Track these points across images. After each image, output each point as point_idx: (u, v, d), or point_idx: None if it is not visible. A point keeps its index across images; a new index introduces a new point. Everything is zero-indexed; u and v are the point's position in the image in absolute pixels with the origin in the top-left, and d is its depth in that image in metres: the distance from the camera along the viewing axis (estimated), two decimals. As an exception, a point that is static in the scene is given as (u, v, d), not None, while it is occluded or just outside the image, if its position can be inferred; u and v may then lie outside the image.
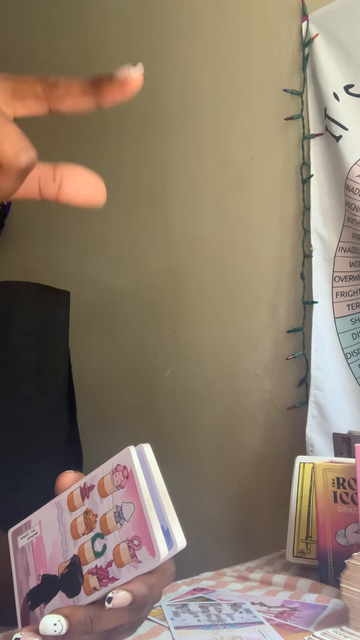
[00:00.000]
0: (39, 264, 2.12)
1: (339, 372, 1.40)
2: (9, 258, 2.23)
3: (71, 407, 1.80)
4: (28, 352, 1.61)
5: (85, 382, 1.87)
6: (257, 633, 0.63)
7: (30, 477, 1.44)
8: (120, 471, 0.45)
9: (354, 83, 1.37)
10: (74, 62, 2.09)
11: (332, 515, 0.83)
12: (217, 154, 1.66)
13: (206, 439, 1.65)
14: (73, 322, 1.75)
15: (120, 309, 1.89)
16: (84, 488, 0.47)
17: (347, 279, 1.41)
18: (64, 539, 0.47)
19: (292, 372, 1.49)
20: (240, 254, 1.61)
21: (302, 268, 1.48)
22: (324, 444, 1.36)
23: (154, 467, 0.45)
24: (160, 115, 1.81)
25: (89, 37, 2.04)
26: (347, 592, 0.63)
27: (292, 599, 0.76)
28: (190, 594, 0.78)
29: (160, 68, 1.81)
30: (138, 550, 0.42)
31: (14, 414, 1.53)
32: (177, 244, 1.76)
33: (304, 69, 1.47)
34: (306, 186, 1.47)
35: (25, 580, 0.49)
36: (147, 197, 1.84)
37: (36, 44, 2.21)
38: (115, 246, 1.92)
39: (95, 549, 0.44)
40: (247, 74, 1.60)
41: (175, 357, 1.74)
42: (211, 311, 1.66)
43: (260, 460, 1.54)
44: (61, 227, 2.08)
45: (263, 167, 1.57)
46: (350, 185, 1.35)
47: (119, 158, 1.92)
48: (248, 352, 1.57)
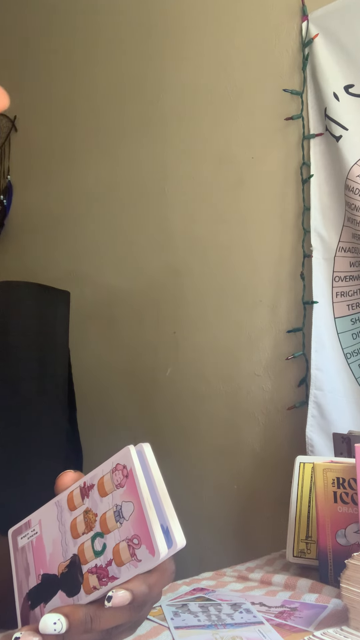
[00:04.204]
0: (39, 264, 2.12)
1: (339, 372, 1.40)
2: (9, 258, 2.23)
3: (71, 407, 1.80)
4: (28, 352, 1.61)
5: (85, 382, 1.87)
6: (257, 633, 0.63)
7: (30, 477, 1.44)
8: (119, 470, 0.45)
9: (354, 83, 1.37)
10: (74, 63, 2.10)
11: (332, 515, 0.83)
12: (217, 154, 1.66)
13: (206, 438, 1.65)
14: (73, 322, 1.75)
15: (120, 309, 1.89)
16: (83, 487, 0.47)
17: (347, 279, 1.41)
18: (63, 538, 0.47)
19: (292, 372, 1.49)
20: (240, 253, 1.60)
21: (302, 268, 1.48)
22: (324, 444, 1.36)
23: (154, 466, 0.45)
24: (160, 115, 1.81)
25: (89, 37, 2.04)
26: (347, 592, 0.63)
27: (292, 599, 0.76)
28: (190, 594, 0.78)
29: (160, 68, 1.81)
30: (138, 549, 0.42)
31: (14, 413, 1.53)
32: (177, 244, 1.76)
33: (304, 69, 1.47)
34: (306, 186, 1.47)
35: (25, 579, 0.49)
36: (147, 197, 1.84)
37: (36, 44, 2.22)
38: (115, 246, 1.92)
39: (95, 548, 0.45)
40: (247, 74, 1.60)
41: (175, 357, 1.74)
42: (211, 311, 1.66)
43: (260, 460, 1.54)
44: (61, 227, 2.08)
45: (263, 167, 1.57)
46: (350, 185, 1.35)
47: (119, 158, 1.92)
48: (248, 352, 1.57)
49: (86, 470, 0.48)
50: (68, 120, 2.09)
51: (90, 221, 2.00)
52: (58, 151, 2.10)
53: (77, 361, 1.83)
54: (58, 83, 2.13)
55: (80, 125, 2.05)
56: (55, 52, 2.16)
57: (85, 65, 2.06)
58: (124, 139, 1.91)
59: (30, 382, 1.60)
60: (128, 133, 1.90)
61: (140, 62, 1.87)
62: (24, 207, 2.20)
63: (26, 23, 2.26)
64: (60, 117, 2.11)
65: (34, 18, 2.23)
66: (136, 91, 1.88)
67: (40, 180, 2.15)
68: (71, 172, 2.06)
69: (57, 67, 2.15)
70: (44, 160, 2.14)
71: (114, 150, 1.93)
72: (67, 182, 2.07)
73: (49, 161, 2.13)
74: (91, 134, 2.01)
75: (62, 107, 2.10)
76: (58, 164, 2.10)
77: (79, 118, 2.06)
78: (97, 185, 1.98)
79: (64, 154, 2.09)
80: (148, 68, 1.85)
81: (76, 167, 2.05)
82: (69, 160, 2.07)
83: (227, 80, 1.65)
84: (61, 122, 2.10)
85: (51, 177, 2.12)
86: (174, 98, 1.77)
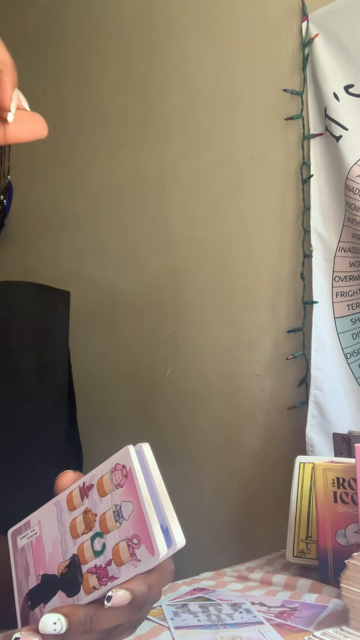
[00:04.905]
0: (39, 264, 2.12)
1: (339, 372, 1.40)
2: (9, 258, 2.23)
3: (71, 407, 1.80)
4: (28, 352, 1.62)
5: (85, 382, 1.87)
6: (257, 633, 0.63)
7: (30, 477, 1.44)
8: (119, 470, 0.45)
9: (354, 83, 1.37)
10: (74, 63, 2.10)
11: (332, 515, 0.83)
12: (217, 154, 1.66)
13: (206, 438, 1.65)
14: (73, 322, 1.76)
15: (120, 309, 1.89)
16: (83, 487, 0.47)
17: (347, 279, 1.41)
18: (63, 538, 0.47)
19: (292, 372, 1.49)
20: (240, 253, 1.60)
21: (302, 268, 1.48)
22: (324, 444, 1.36)
23: (153, 466, 0.45)
24: (160, 115, 1.81)
25: (89, 38, 2.04)
26: (347, 592, 0.63)
27: (292, 599, 0.76)
28: (190, 594, 0.78)
29: (160, 68, 1.81)
30: (137, 549, 0.42)
31: (14, 413, 1.53)
32: (177, 244, 1.76)
33: (304, 69, 1.47)
34: (306, 186, 1.47)
35: (24, 580, 0.49)
36: (147, 197, 1.84)
37: (36, 45, 2.22)
38: (116, 246, 1.92)
39: (94, 548, 0.44)
40: (247, 73, 1.60)
41: (175, 357, 1.74)
42: (211, 311, 1.66)
43: (260, 460, 1.54)
44: (61, 227, 2.08)
45: (263, 167, 1.57)
46: (350, 185, 1.35)
47: (119, 158, 1.92)
48: (248, 352, 1.57)
49: (86, 470, 0.48)
50: (68, 120, 2.09)
51: (90, 221, 2.00)
52: (58, 151, 2.10)
53: (77, 361, 1.83)
54: (58, 83, 2.13)
55: (80, 126, 2.05)
56: (55, 53, 2.16)
57: (86, 65, 2.06)
58: (124, 139, 1.91)
59: (30, 381, 1.60)
60: (128, 133, 1.90)
61: (141, 63, 1.87)
62: (24, 207, 2.20)
63: (27, 24, 2.26)
64: (60, 117, 2.11)
65: (34, 19, 2.23)
66: (137, 91, 1.88)
67: (40, 180, 2.15)
68: (71, 172, 2.06)
69: (57, 68, 2.15)
70: (44, 160, 2.14)
71: (114, 150, 1.93)
72: (67, 182, 2.07)
73: (49, 161, 2.13)
74: (91, 134, 2.01)
75: (62, 107, 2.10)
76: (58, 164, 2.10)
77: (79, 118, 2.06)
78: (97, 185, 1.98)
79: (64, 154, 2.09)
80: (149, 68, 1.85)
81: (76, 167, 2.05)
82: (69, 160, 2.07)
83: (227, 81, 1.65)
84: (61, 122, 2.10)
85: (51, 177, 2.12)
86: (174, 98, 1.77)
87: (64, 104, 2.10)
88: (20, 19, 2.28)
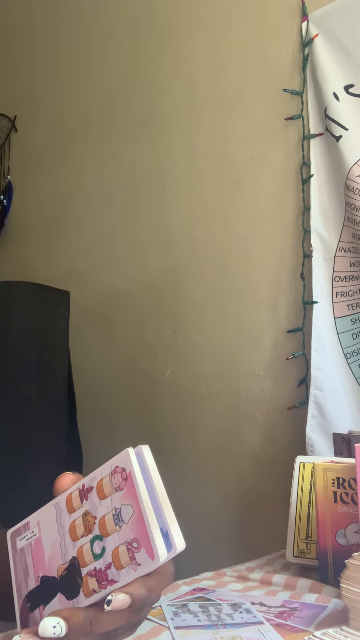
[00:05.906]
0: (39, 264, 2.12)
1: (339, 372, 1.40)
2: (9, 258, 2.23)
3: (71, 407, 1.80)
4: (28, 352, 1.61)
5: (85, 382, 1.87)
6: (257, 633, 0.63)
7: (30, 477, 1.44)
8: (119, 473, 0.45)
9: (354, 83, 1.37)
10: (74, 63, 2.09)
11: (332, 515, 0.83)
12: (217, 154, 1.66)
13: (206, 438, 1.65)
14: (73, 322, 1.76)
15: (121, 309, 1.89)
16: (82, 490, 0.47)
17: (347, 279, 1.41)
18: (62, 540, 0.47)
19: (292, 372, 1.49)
20: (240, 254, 1.60)
21: (302, 268, 1.48)
22: (324, 444, 1.36)
23: (153, 469, 0.45)
24: (160, 115, 1.81)
25: (89, 37, 2.04)
26: (347, 592, 0.63)
27: (292, 599, 0.76)
28: (190, 594, 0.78)
29: (160, 68, 1.81)
30: (137, 553, 0.42)
31: (14, 413, 1.53)
32: (177, 244, 1.76)
33: (304, 69, 1.47)
34: (306, 186, 1.47)
35: (24, 581, 0.48)
36: (147, 197, 1.84)
37: (36, 44, 2.21)
38: (115, 246, 1.92)
39: (94, 551, 0.44)
40: (247, 73, 1.60)
41: (175, 357, 1.74)
42: (211, 311, 1.66)
43: (260, 460, 1.54)
44: (61, 227, 2.08)
45: (263, 167, 1.57)
46: (350, 185, 1.35)
47: (119, 158, 1.91)
48: (248, 352, 1.57)
49: (86, 470, 0.48)
50: (68, 120, 2.09)
51: (90, 221, 1.99)
52: (58, 151, 2.10)
53: (77, 361, 1.83)
54: (58, 83, 2.13)
55: (80, 125, 2.05)
56: (55, 53, 2.15)
57: (86, 65, 2.05)
58: (124, 139, 1.91)
59: (30, 382, 1.60)
60: (128, 133, 1.90)
61: (140, 62, 1.87)
62: (24, 207, 2.20)
63: (26, 23, 2.25)
64: (60, 117, 2.10)
65: (34, 18, 2.23)
66: (136, 91, 1.87)
67: (40, 180, 2.15)
68: (71, 172, 2.06)
69: (57, 67, 2.15)
70: (44, 160, 2.14)
71: (114, 151, 1.93)
72: (67, 182, 2.07)
73: (49, 161, 2.13)
74: (91, 134, 2.01)
75: (62, 107, 2.10)
76: (58, 164, 2.10)
77: (79, 118, 2.06)
78: (97, 185, 1.98)
79: (64, 153, 2.08)
80: (148, 68, 1.85)
81: (76, 167, 2.04)
82: (69, 160, 2.07)
83: (227, 80, 1.64)
84: (61, 122, 2.10)
85: (51, 177, 2.12)
86: (173, 98, 1.77)
87: (64, 104, 2.10)
88: (20, 18, 2.28)
